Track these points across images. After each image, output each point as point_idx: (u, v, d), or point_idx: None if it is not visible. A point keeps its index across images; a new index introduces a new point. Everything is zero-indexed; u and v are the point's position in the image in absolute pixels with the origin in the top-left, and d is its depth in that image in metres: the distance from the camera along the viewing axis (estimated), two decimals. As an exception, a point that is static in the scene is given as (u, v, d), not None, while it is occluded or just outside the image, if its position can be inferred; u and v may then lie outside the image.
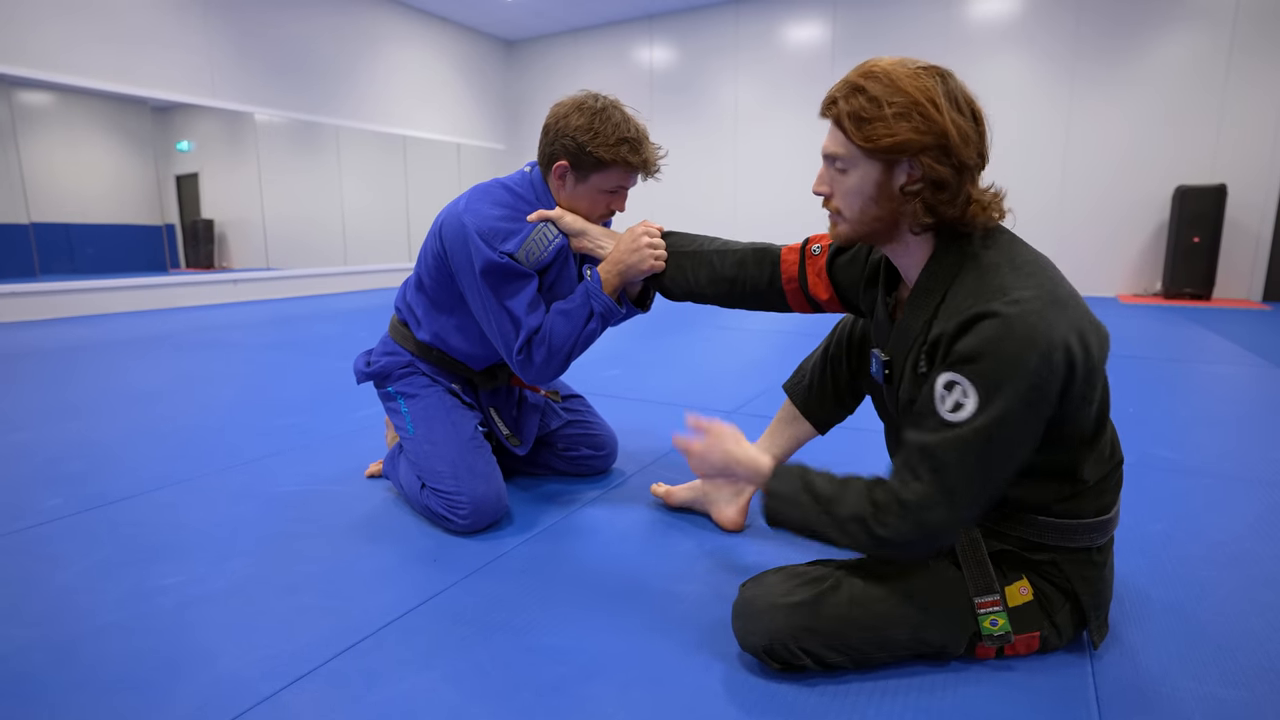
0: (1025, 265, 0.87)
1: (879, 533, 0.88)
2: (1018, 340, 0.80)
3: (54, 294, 5.17)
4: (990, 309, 0.83)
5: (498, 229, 1.38)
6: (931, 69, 0.90)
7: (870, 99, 0.88)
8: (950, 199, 0.89)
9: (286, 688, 0.95)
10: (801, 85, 7.42)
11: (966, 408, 0.83)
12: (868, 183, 0.92)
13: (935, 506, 0.86)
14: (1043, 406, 0.83)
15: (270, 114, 6.54)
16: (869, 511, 0.89)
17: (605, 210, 1.46)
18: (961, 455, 0.84)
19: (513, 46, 9.15)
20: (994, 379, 0.81)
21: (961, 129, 0.87)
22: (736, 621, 1.01)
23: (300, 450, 2.00)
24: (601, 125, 1.35)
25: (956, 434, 0.84)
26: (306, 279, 7.03)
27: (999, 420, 0.82)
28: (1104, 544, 0.98)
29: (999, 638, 0.96)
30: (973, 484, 0.85)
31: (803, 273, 1.25)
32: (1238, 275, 5.93)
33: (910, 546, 0.89)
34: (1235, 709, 0.90)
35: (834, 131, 0.94)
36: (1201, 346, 3.70)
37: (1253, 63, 5.63)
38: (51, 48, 5.02)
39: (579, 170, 1.40)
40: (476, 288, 1.39)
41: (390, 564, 1.33)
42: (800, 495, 0.96)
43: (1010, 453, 0.85)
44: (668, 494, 1.56)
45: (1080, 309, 0.85)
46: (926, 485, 0.86)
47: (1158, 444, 2.02)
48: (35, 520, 1.52)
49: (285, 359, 3.48)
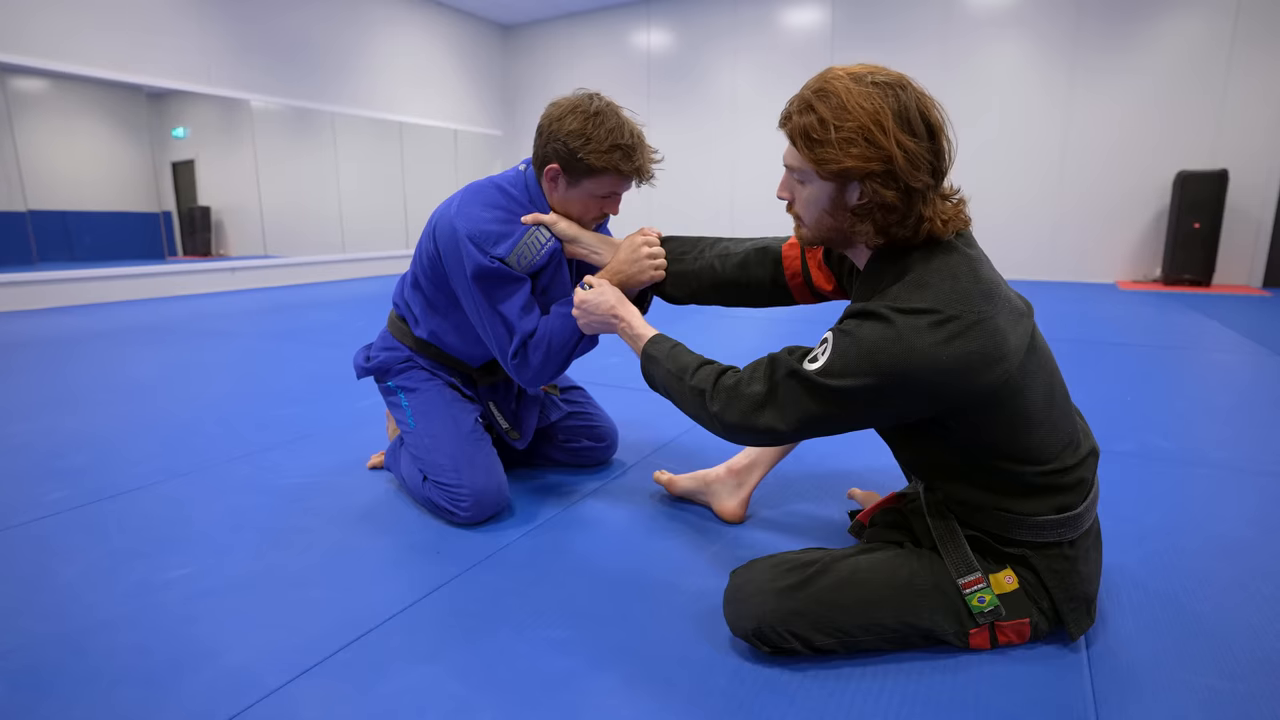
0: (933, 283, 0.89)
1: (711, 408, 1.03)
2: (882, 345, 0.87)
3: (52, 283, 5.16)
4: (879, 311, 0.89)
5: (489, 232, 1.35)
6: (886, 84, 0.88)
7: (820, 120, 0.89)
8: (899, 220, 0.91)
9: (293, 680, 0.96)
10: (800, 71, 7.35)
11: (819, 363, 0.93)
12: (823, 197, 0.96)
13: (763, 412, 0.97)
14: (880, 406, 0.91)
15: (266, 100, 6.49)
16: (709, 387, 1.04)
17: (598, 214, 1.44)
18: (795, 394, 0.95)
19: (509, 31, 9.06)
20: (847, 360, 0.89)
21: (910, 152, 0.87)
22: (727, 607, 1.04)
23: (302, 441, 2.01)
24: (595, 130, 1.31)
25: (801, 374, 0.94)
26: (304, 266, 7.01)
27: (833, 391, 0.91)
28: (1076, 539, 0.98)
29: (989, 614, 0.98)
30: (797, 417, 0.95)
31: (805, 266, 1.26)
32: (1238, 261, 5.93)
33: (736, 432, 1.01)
34: (1232, 701, 0.91)
35: (789, 145, 0.96)
36: (1201, 334, 3.70)
37: (1256, 47, 5.59)
38: (47, 35, 4.97)
39: (571, 174, 1.36)
40: (469, 292, 1.38)
41: (394, 556, 1.34)
42: (666, 360, 1.13)
43: (831, 420, 0.94)
44: (670, 482, 1.57)
45: (965, 335, 0.86)
46: (763, 393, 0.98)
47: (1155, 433, 2.03)
48: (42, 513, 1.53)
49: (284, 348, 3.48)
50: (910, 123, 0.88)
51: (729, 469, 1.47)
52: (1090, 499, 0.99)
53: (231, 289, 6.33)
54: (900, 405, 0.90)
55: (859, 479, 1.67)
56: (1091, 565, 1.01)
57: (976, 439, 0.94)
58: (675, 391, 1.11)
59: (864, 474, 1.71)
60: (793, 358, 0.97)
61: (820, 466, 1.75)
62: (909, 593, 0.98)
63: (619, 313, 1.27)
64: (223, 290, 6.24)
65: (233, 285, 6.37)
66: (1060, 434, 0.96)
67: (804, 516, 1.49)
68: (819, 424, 0.95)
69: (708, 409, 1.03)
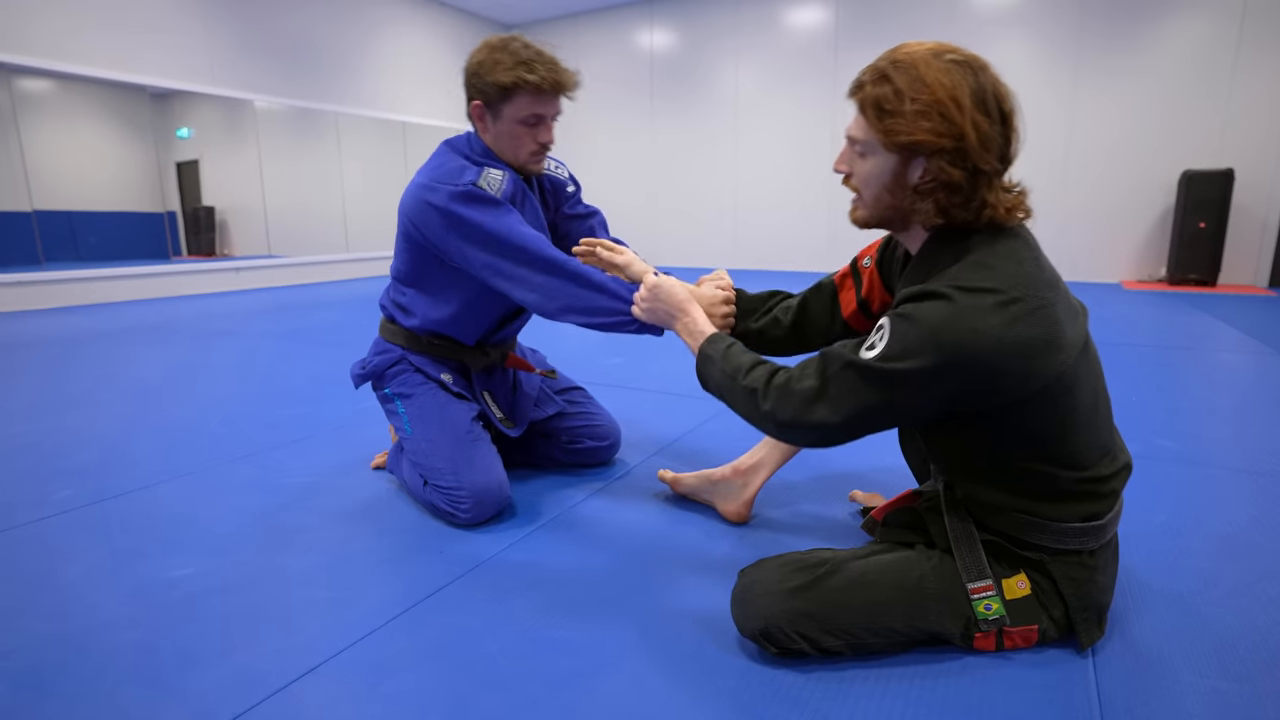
0: (997, 265, 0.87)
1: (763, 406, 0.99)
2: (945, 324, 0.84)
3: (57, 283, 5.17)
4: (940, 290, 0.86)
5: (448, 170, 1.40)
6: (965, 62, 0.87)
7: (895, 90, 0.87)
8: (962, 202, 0.89)
9: (297, 680, 0.96)
10: (803, 70, 7.35)
11: (876, 349, 0.89)
12: (884, 172, 0.93)
13: (816, 406, 0.93)
14: (936, 390, 0.87)
15: (270, 100, 6.50)
16: (761, 386, 1.00)
17: (533, 144, 1.44)
18: (850, 384, 0.91)
19: (512, 31, 9.06)
20: (907, 342, 0.86)
21: (983, 132, 0.86)
22: (735, 607, 1.03)
23: (305, 441, 2.01)
24: (499, 55, 1.35)
25: (858, 364, 0.90)
26: (308, 266, 7.03)
27: (892, 376, 0.87)
28: (1097, 549, 0.97)
29: (994, 622, 0.97)
30: (851, 410, 0.92)
31: (859, 293, 1.23)
32: (1244, 261, 5.90)
33: (788, 430, 0.97)
34: (1237, 702, 0.90)
35: (858, 115, 0.94)
36: (1206, 334, 3.69)
37: (1263, 49, 5.56)
38: (52, 35, 4.98)
39: (490, 105, 1.40)
40: (458, 229, 1.36)
41: (397, 556, 1.34)
42: (721, 360, 1.09)
43: (885, 411, 0.90)
44: (674, 480, 1.57)
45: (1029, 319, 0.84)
46: (815, 388, 0.94)
47: (1161, 434, 2.02)
48: (46, 512, 1.54)
49: (288, 348, 3.49)
50: (986, 104, 0.86)
51: (735, 469, 1.47)
52: (1116, 511, 0.98)
53: (235, 289, 6.34)
54: (957, 390, 0.87)
55: (862, 480, 1.67)
56: (1108, 576, 1.00)
57: (1020, 436, 0.92)
58: (728, 392, 1.07)
59: (868, 475, 1.70)
60: (846, 349, 0.93)
61: (824, 468, 1.75)
62: (918, 597, 0.98)
63: (688, 309, 1.21)
64: (227, 290, 6.25)
65: (237, 285, 6.39)
66: (1100, 441, 0.95)
67: (809, 517, 1.49)
68: (872, 415, 0.91)
69: (759, 408, 1.00)
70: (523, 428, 1.67)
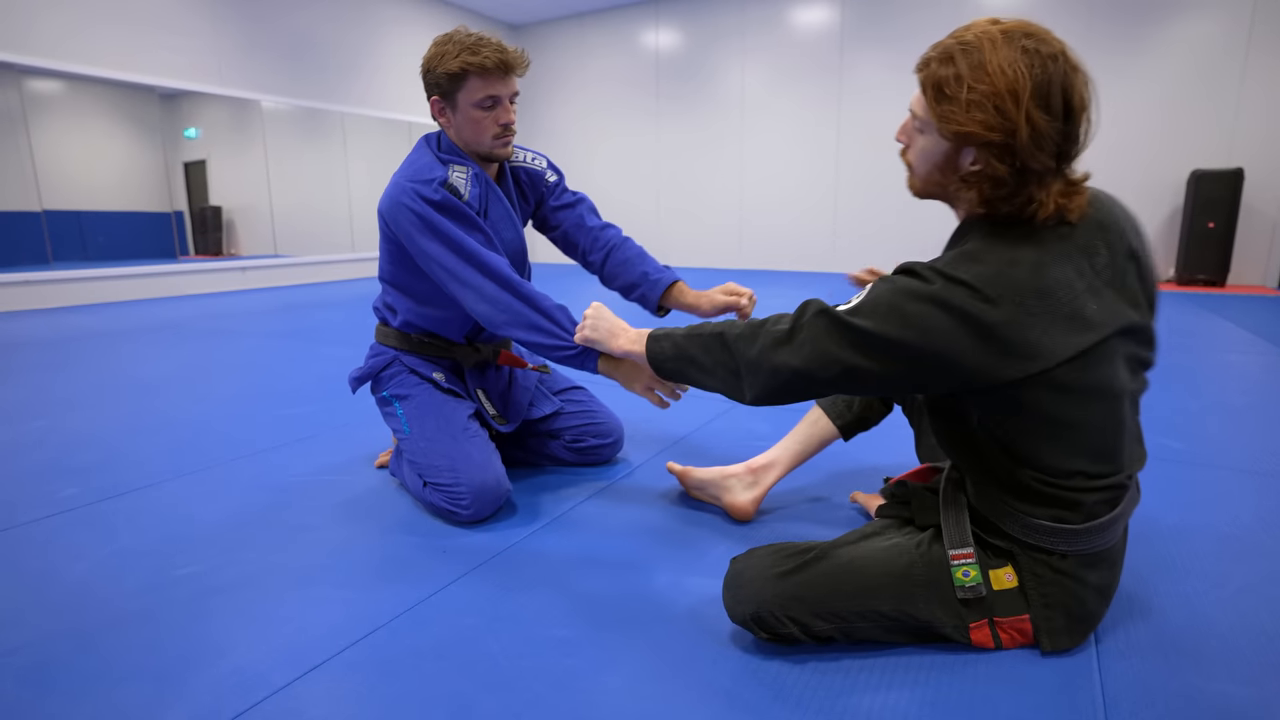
0: (987, 261, 0.85)
1: (732, 349, 1.02)
2: (914, 301, 0.86)
3: (65, 282, 5.21)
4: (923, 271, 0.88)
5: (419, 166, 1.45)
6: (1037, 51, 0.82)
7: (956, 75, 0.85)
8: (1006, 196, 0.86)
9: (300, 678, 0.97)
10: (809, 70, 7.34)
11: (852, 302, 0.92)
12: (937, 152, 0.92)
13: (780, 349, 0.95)
14: (891, 367, 0.89)
15: (276, 101, 6.53)
16: (727, 329, 1.04)
17: (494, 127, 1.46)
18: (817, 331, 0.92)
19: (518, 31, 9.08)
20: (878, 304, 0.88)
21: (1038, 130, 0.81)
22: (726, 593, 1.04)
23: (309, 440, 2.02)
24: (445, 46, 1.41)
25: (830, 313, 0.92)
26: (314, 266, 7.05)
27: (854, 331, 0.89)
28: (1070, 554, 0.94)
29: (971, 590, 0.96)
30: (810, 355, 0.93)
31: None
32: (1253, 261, 5.86)
33: (753, 370, 0.99)
34: (1243, 706, 0.90)
35: (919, 93, 0.92)
36: (1214, 334, 3.66)
37: (1272, 52, 5.52)
38: (60, 36, 5.01)
39: (446, 98, 1.45)
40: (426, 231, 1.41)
41: (400, 554, 1.34)
42: (674, 333, 1.14)
43: (844, 369, 0.91)
44: (684, 473, 1.55)
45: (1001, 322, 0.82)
46: (785, 330, 0.96)
47: (1168, 435, 2.01)
48: (51, 510, 1.54)
49: (293, 347, 3.50)
50: (1048, 98, 0.82)
51: (748, 467, 1.47)
52: (1099, 525, 0.93)
53: (242, 288, 6.37)
54: (912, 368, 0.88)
55: (866, 481, 1.66)
56: (1087, 588, 0.96)
57: (989, 426, 0.93)
58: (689, 351, 1.09)
59: (872, 476, 1.70)
60: (823, 303, 0.95)
61: (831, 468, 1.74)
62: (906, 582, 0.98)
63: (627, 327, 1.28)
64: (233, 290, 6.28)
65: (243, 285, 6.42)
66: (1086, 457, 0.91)
67: (812, 518, 1.48)
68: (829, 369, 0.91)
69: (729, 350, 1.02)
70: (516, 423, 1.68)
